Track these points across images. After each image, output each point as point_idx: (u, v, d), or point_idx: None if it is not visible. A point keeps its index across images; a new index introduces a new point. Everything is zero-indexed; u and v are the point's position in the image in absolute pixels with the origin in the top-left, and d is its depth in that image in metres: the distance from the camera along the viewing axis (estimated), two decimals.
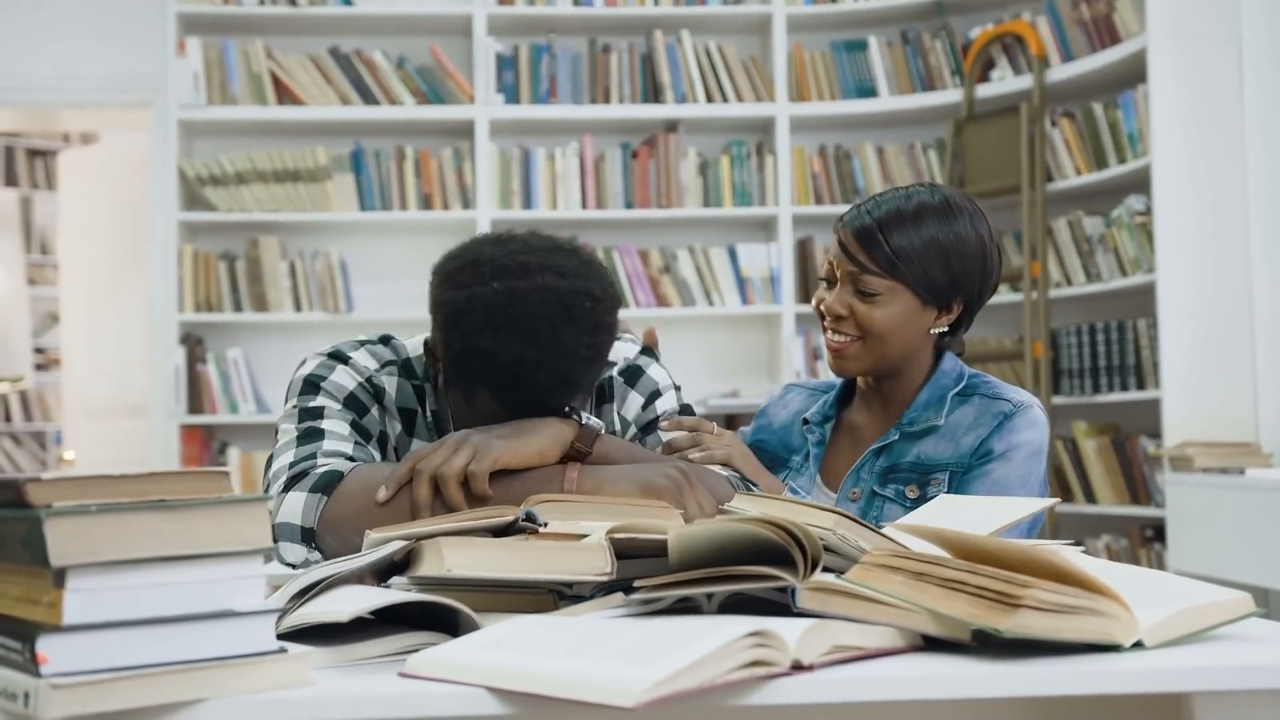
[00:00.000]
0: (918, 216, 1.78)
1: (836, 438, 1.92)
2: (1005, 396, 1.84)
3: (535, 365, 1.50)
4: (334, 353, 1.72)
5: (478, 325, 1.51)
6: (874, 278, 1.79)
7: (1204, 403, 4.09)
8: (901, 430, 1.84)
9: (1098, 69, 4.52)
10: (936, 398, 1.85)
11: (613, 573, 1.19)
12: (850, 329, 1.81)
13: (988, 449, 1.80)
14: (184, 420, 4.84)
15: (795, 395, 2.01)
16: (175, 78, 4.86)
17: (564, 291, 1.52)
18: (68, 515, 0.91)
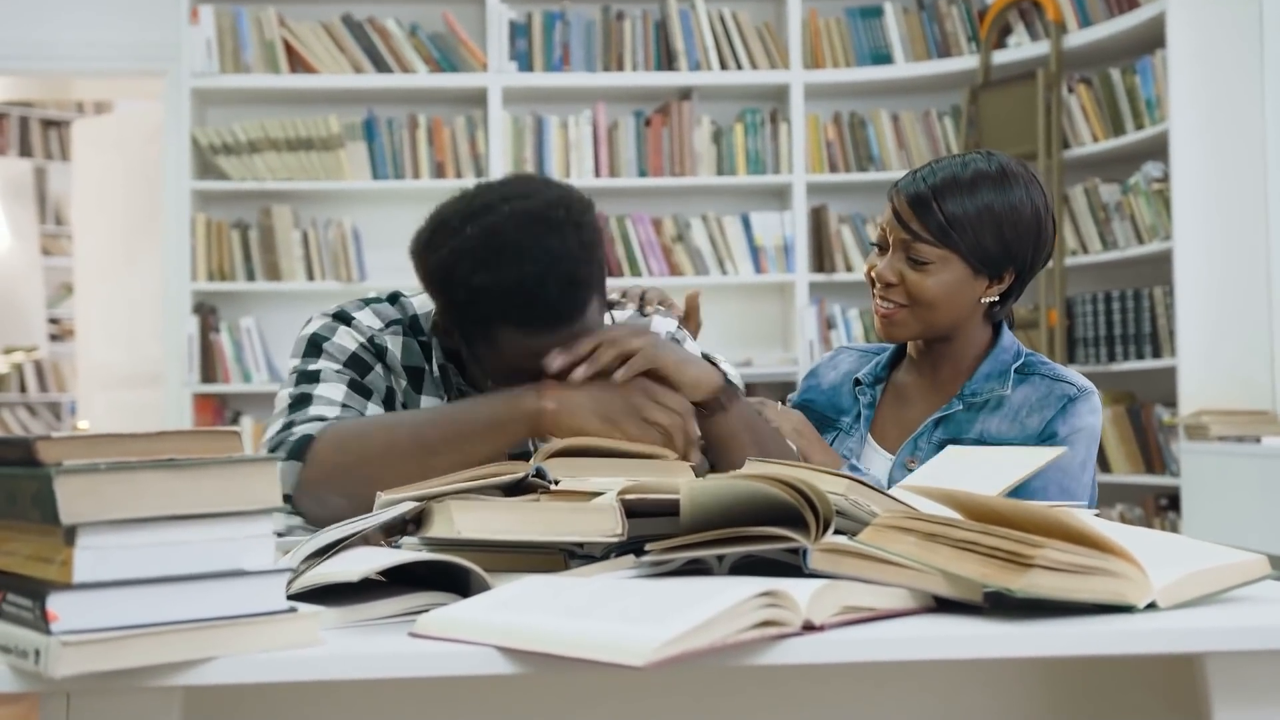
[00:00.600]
0: (973, 184, 1.77)
1: (885, 399, 1.92)
2: (1068, 379, 1.83)
3: (537, 279, 1.52)
4: (338, 313, 1.73)
5: (469, 269, 1.53)
6: (926, 246, 1.77)
7: (1220, 371, 4.07)
8: (965, 401, 1.83)
9: (1116, 34, 4.48)
10: (999, 371, 1.84)
11: (624, 534, 1.19)
12: (900, 296, 1.80)
13: (1053, 431, 1.79)
14: (197, 389, 4.85)
15: (846, 357, 2.01)
16: (188, 46, 4.85)
17: (535, 208, 1.55)
18: (78, 473, 0.91)
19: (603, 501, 1.20)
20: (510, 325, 1.54)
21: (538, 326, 1.54)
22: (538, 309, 1.53)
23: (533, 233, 1.54)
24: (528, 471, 1.28)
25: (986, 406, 1.82)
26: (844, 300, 5.03)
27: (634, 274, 4.88)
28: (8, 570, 0.97)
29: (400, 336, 1.72)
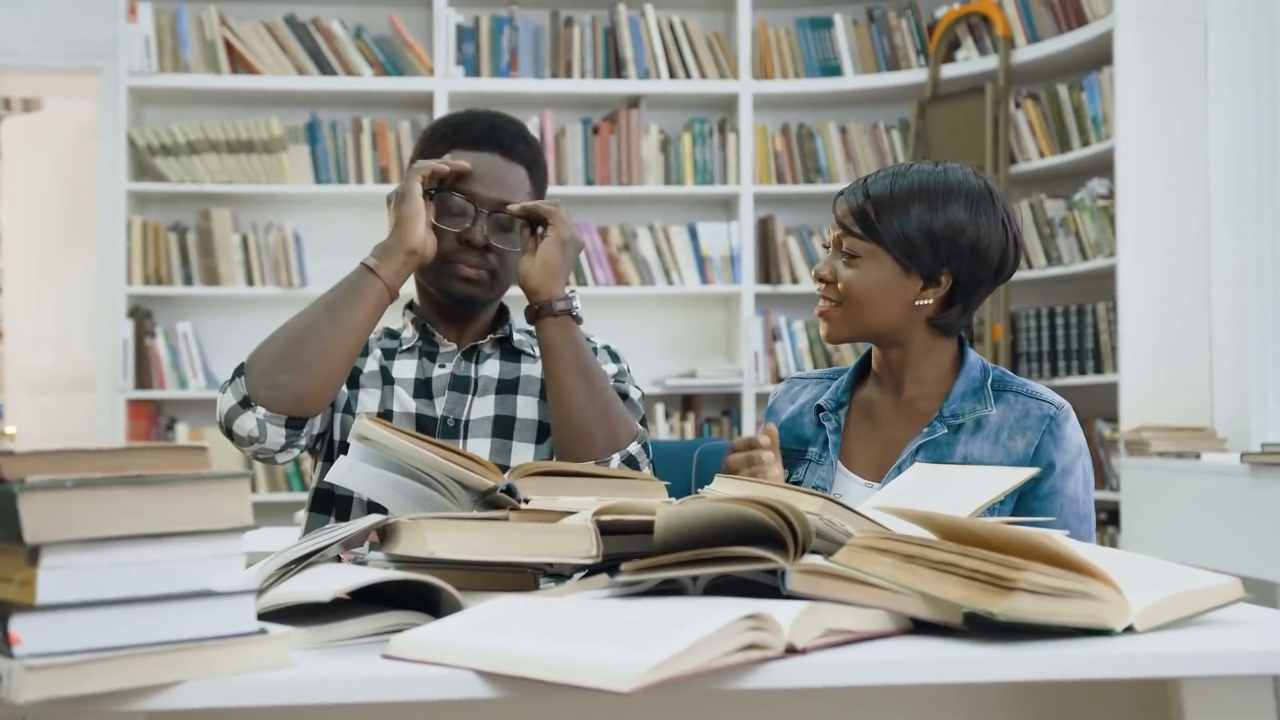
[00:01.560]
0: (908, 185, 1.77)
1: (851, 423, 1.89)
2: (1044, 397, 1.82)
3: (486, 110, 1.98)
4: None
5: (445, 116, 2.00)
6: (854, 239, 1.79)
7: (1161, 387, 4.11)
8: (946, 423, 1.80)
9: (1063, 51, 4.51)
10: (973, 389, 1.82)
11: (598, 556, 1.16)
12: (834, 294, 1.81)
13: (1049, 461, 1.77)
14: (131, 395, 4.75)
15: (801, 387, 1.98)
16: (126, 43, 4.76)
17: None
18: (43, 490, 0.87)
19: (577, 522, 1.17)
20: (456, 146, 1.91)
21: (475, 139, 1.91)
22: (480, 123, 1.94)
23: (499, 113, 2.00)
24: (497, 485, 1.26)
25: (965, 428, 1.79)
26: (789, 312, 5.03)
27: (580, 282, 4.86)
28: None
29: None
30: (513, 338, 2.00)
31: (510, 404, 1.93)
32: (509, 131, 1.95)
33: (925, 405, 1.84)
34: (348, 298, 1.80)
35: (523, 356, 1.99)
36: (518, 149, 1.94)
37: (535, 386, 1.95)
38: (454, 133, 1.95)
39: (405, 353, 1.97)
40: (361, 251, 5.40)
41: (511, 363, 1.98)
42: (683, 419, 4.94)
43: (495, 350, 1.98)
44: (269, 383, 1.76)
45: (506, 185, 1.92)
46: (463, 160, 1.89)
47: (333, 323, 1.78)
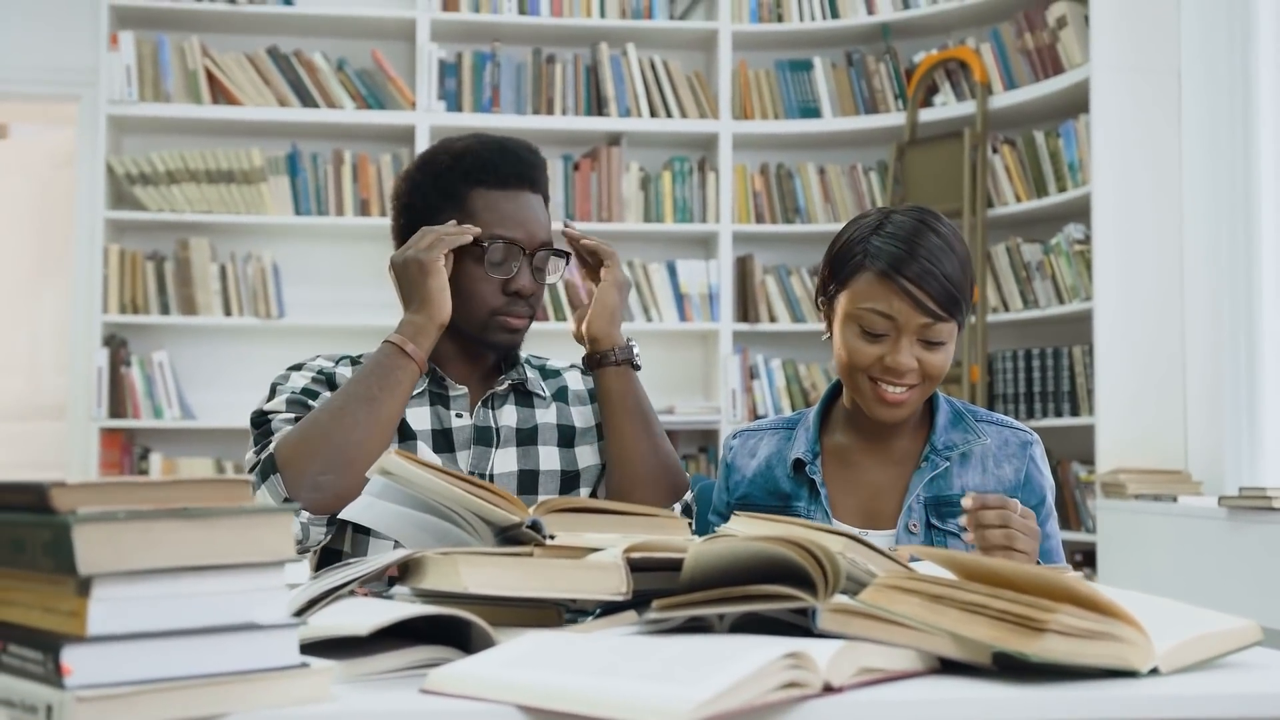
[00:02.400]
0: (953, 251, 1.76)
1: (827, 471, 1.86)
2: (1014, 425, 1.87)
3: (506, 139, 1.89)
4: (292, 365, 1.91)
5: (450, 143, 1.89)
6: (944, 325, 1.75)
7: (1137, 430, 4.16)
8: (943, 456, 1.81)
9: (1040, 98, 4.58)
10: (955, 421, 1.84)
11: (629, 594, 1.17)
12: (915, 379, 1.75)
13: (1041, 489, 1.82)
14: (105, 424, 4.71)
15: (759, 440, 1.93)
16: (107, 71, 4.75)
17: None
18: (97, 522, 0.87)
19: (607, 558, 1.17)
20: (482, 186, 1.83)
21: (506, 178, 1.83)
22: (510, 159, 1.84)
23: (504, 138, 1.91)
24: (523, 520, 1.26)
25: (954, 461, 1.82)
26: (767, 350, 5.06)
27: (559, 318, 4.87)
28: (8, 621, 0.92)
29: (350, 367, 1.89)
30: (527, 380, 1.93)
31: (533, 456, 1.88)
32: (531, 163, 1.87)
33: (905, 445, 1.84)
34: (386, 385, 1.73)
35: (535, 400, 1.93)
36: (541, 180, 1.88)
37: (553, 435, 1.91)
38: (478, 170, 1.84)
39: (416, 398, 1.86)
40: (340, 283, 5.37)
41: (526, 408, 1.92)
42: None
43: (510, 394, 1.92)
44: (310, 484, 1.67)
45: (542, 223, 1.86)
46: (494, 201, 1.83)
47: (372, 415, 1.71)
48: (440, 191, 1.85)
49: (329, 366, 1.89)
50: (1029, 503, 1.80)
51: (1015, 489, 1.80)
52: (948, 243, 1.76)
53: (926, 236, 1.75)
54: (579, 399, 1.97)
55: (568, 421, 1.93)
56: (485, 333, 1.85)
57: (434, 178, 1.86)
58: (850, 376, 1.79)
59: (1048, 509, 1.83)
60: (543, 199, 1.88)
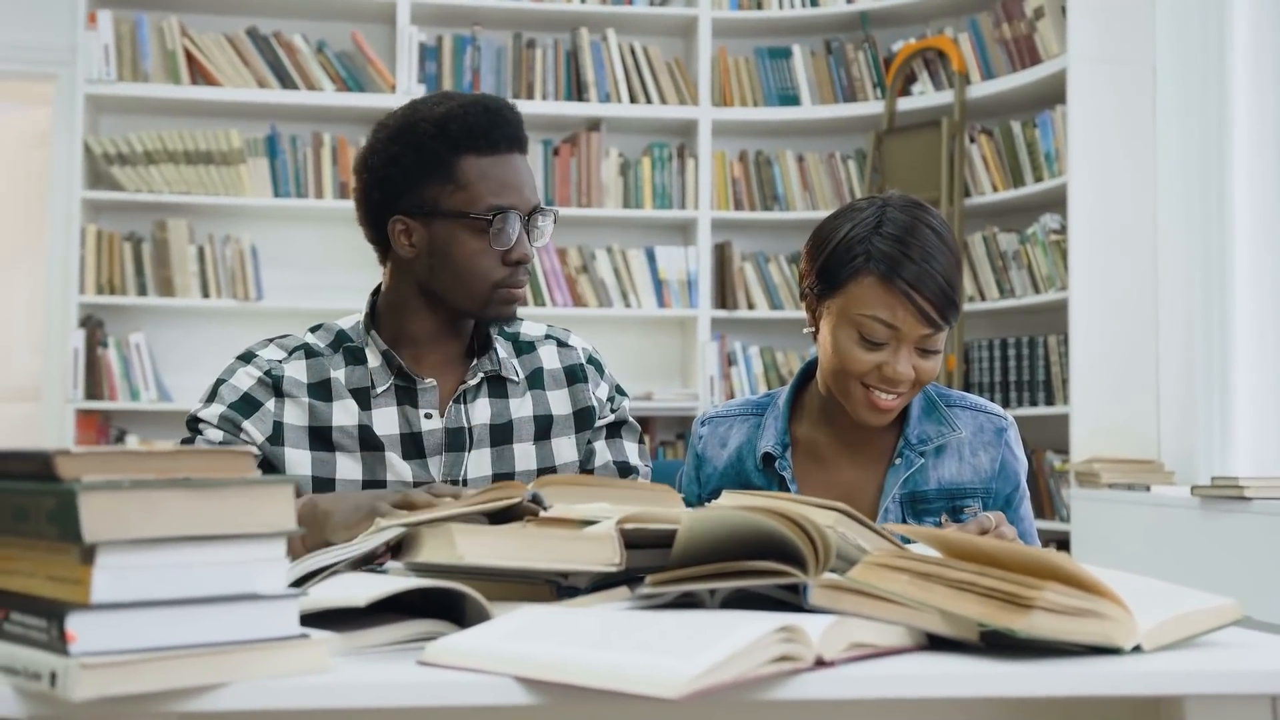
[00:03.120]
0: (952, 255, 1.72)
1: (796, 465, 1.82)
2: (988, 409, 1.85)
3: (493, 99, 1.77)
4: (243, 353, 1.83)
5: (430, 105, 1.75)
6: (942, 334, 1.73)
7: (1111, 420, 4.19)
8: (916, 451, 1.79)
9: (1018, 88, 4.61)
10: (929, 411, 1.82)
11: (622, 564, 1.18)
12: (907, 387, 1.73)
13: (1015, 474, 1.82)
14: (81, 405, 4.69)
15: (728, 428, 1.88)
16: (84, 51, 4.72)
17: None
18: (101, 490, 0.87)
19: (601, 530, 1.19)
20: (472, 153, 1.71)
21: (497, 141, 1.72)
22: (498, 121, 1.72)
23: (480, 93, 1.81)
24: (523, 496, 1.27)
25: (929, 452, 1.80)
26: (745, 337, 5.08)
27: (538, 304, 4.87)
28: (10, 589, 0.93)
29: (303, 360, 1.81)
30: (500, 367, 1.84)
31: (508, 457, 1.81)
32: (517, 122, 1.77)
33: (878, 440, 1.82)
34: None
35: (508, 388, 1.84)
36: (525, 138, 1.78)
37: (529, 429, 1.83)
38: (466, 137, 1.72)
39: (382, 395, 1.78)
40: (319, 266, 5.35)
41: (500, 400, 1.83)
42: (640, 442, 4.95)
43: (482, 385, 1.83)
44: None
45: (533, 184, 1.78)
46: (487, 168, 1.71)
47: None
48: (424, 163, 1.73)
49: (279, 364, 1.80)
50: (1004, 489, 1.81)
51: (991, 478, 1.80)
52: (949, 246, 1.72)
53: (930, 240, 1.70)
54: (555, 380, 1.89)
55: (544, 410, 1.86)
56: (488, 307, 1.76)
57: (415, 148, 1.73)
58: (840, 381, 1.74)
59: (1021, 492, 1.84)
60: (526, 154, 1.80)
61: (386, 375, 1.78)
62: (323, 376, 1.79)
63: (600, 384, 1.91)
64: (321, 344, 1.83)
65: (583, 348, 1.94)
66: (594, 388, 1.90)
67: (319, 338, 1.84)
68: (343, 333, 1.84)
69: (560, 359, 1.91)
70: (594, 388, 1.90)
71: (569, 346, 1.93)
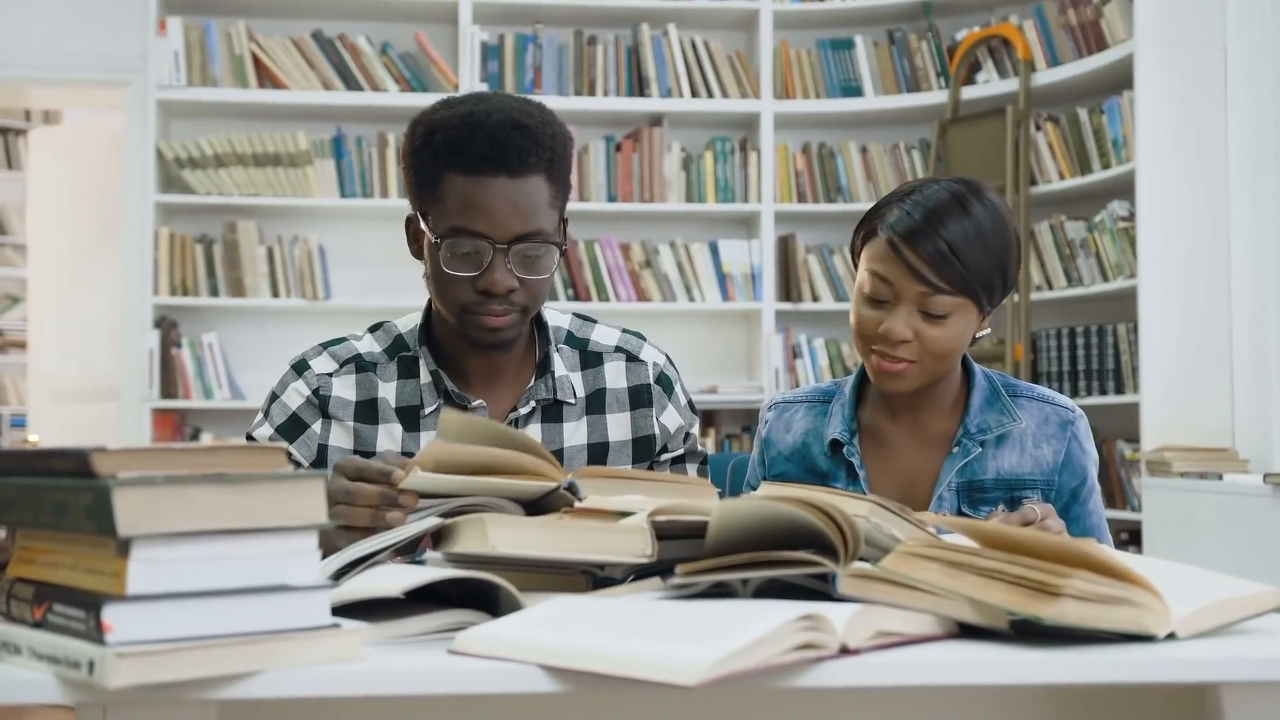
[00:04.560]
0: (979, 227, 1.69)
1: (864, 452, 1.81)
2: (1057, 401, 1.81)
3: (484, 114, 1.65)
4: (297, 362, 1.79)
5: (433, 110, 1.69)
6: (946, 298, 1.69)
7: (1182, 408, 4.13)
8: (975, 440, 1.76)
9: (1084, 74, 4.55)
10: (991, 400, 1.79)
11: (654, 555, 1.20)
12: (912, 352, 1.70)
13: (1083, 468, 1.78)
14: (156, 404, 4.80)
15: (794, 414, 1.87)
16: (155, 57, 4.81)
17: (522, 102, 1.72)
18: (135, 486, 0.91)
19: (633, 522, 1.20)
20: (452, 170, 1.64)
21: (475, 163, 1.62)
22: (479, 141, 1.62)
23: (515, 97, 1.71)
24: (559, 484, 1.28)
25: (989, 443, 1.77)
26: (810, 329, 5.07)
27: (602, 299, 4.89)
28: (53, 581, 0.96)
29: (353, 375, 1.77)
30: (556, 393, 1.77)
31: None
32: (507, 143, 1.63)
33: (940, 426, 1.80)
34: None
35: (564, 411, 1.78)
36: (529, 161, 1.64)
37: (581, 458, 1.76)
38: (447, 151, 1.64)
39: (429, 418, 1.73)
40: (385, 264, 5.39)
41: (554, 425, 1.77)
42: (703, 435, 4.97)
43: (535, 410, 1.76)
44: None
45: (521, 212, 1.64)
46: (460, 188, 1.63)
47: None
48: (418, 172, 1.68)
49: (328, 379, 1.76)
50: (1070, 483, 1.77)
51: (1054, 471, 1.76)
52: (975, 219, 1.69)
53: (950, 208, 1.69)
54: (618, 402, 1.81)
55: (600, 438, 1.79)
56: (464, 330, 1.70)
57: (412, 154, 1.69)
58: (857, 345, 1.76)
59: (1090, 485, 1.79)
60: (540, 177, 1.65)
61: (435, 395, 1.74)
62: (370, 395, 1.75)
63: (667, 408, 1.85)
64: (378, 348, 1.78)
65: (654, 362, 1.86)
66: (659, 413, 1.83)
67: (377, 341, 1.79)
68: (400, 339, 1.79)
69: (627, 377, 1.83)
70: (659, 413, 1.83)
71: (639, 361, 1.85)
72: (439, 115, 1.67)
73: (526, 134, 1.64)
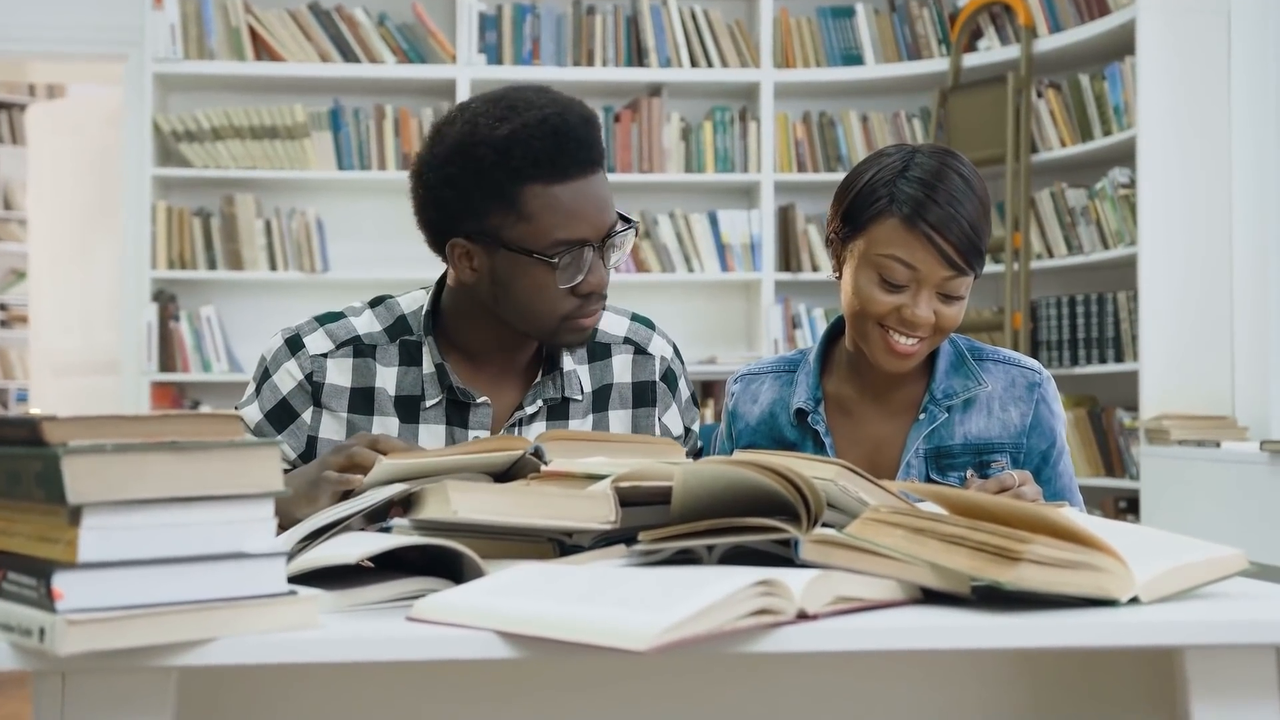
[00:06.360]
0: (982, 203, 1.70)
1: (829, 420, 1.81)
2: (1022, 363, 1.81)
3: (559, 115, 1.55)
4: (292, 337, 1.71)
5: (490, 125, 1.55)
6: (965, 279, 1.70)
7: (1181, 376, 4.12)
8: (941, 406, 1.76)
9: (1085, 40, 4.52)
10: (957, 365, 1.79)
11: (617, 522, 1.20)
12: (928, 332, 1.70)
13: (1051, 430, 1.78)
14: (155, 378, 4.81)
15: (760, 385, 1.86)
16: (151, 30, 4.80)
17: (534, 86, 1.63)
18: (85, 453, 0.91)
19: (597, 489, 1.20)
20: (538, 182, 1.53)
21: (566, 168, 1.53)
22: (567, 145, 1.53)
23: (539, 90, 1.60)
24: (525, 450, 1.28)
25: (955, 407, 1.77)
26: (809, 299, 5.06)
27: None
28: (8, 550, 0.97)
29: (349, 359, 1.69)
30: (563, 390, 1.71)
31: None
32: (590, 139, 1.57)
33: (906, 393, 1.80)
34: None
35: (570, 408, 1.72)
36: (600, 149, 1.59)
37: None
38: (531, 165, 1.53)
39: (431, 409, 1.67)
40: (383, 237, 5.40)
41: (558, 422, 1.71)
42: (702, 405, 4.97)
43: (541, 409, 1.71)
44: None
45: (609, 202, 1.59)
46: (554, 199, 1.54)
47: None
48: (485, 189, 1.55)
49: (322, 361, 1.68)
50: (1039, 445, 1.78)
51: (1022, 434, 1.77)
52: (976, 193, 1.70)
53: (957, 185, 1.68)
54: (621, 398, 1.77)
55: None
56: (555, 337, 1.63)
57: (474, 172, 1.55)
58: (859, 323, 1.73)
59: (1059, 447, 1.80)
60: (603, 166, 1.61)
61: (438, 388, 1.67)
62: (367, 384, 1.67)
63: (670, 408, 1.82)
64: (378, 327, 1.70)
65: (662, 356, 1.81)
66: (662, 412, 1.80)
67: (377, 318, 1.71)
68: (404, 320, 1.71)
69: (634, 372, 1.79)
70: (662, 412, 1.80)
71: (647, 355, 1.80)
72: (502, 129, 1.54)
73: (595, 127, 1.59)
